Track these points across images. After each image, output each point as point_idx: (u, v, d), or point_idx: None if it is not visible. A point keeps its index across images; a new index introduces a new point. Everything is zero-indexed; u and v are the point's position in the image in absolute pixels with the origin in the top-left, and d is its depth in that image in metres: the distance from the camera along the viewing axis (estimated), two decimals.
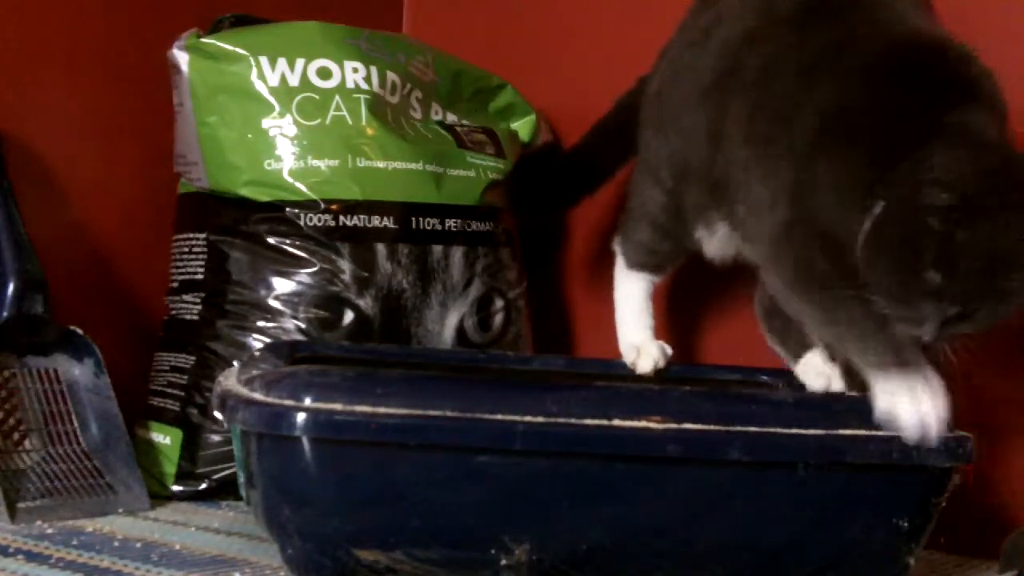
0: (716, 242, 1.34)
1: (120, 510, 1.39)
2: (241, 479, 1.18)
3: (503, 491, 1.07)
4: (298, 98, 1.52)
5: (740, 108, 1.23)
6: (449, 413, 1.06)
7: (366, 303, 1.50)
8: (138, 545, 1.25)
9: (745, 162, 1.22)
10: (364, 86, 1.55)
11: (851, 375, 1.25)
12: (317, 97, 1.53)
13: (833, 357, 1.29)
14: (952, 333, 1.08)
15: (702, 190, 1.30)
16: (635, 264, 1.41)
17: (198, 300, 1.53)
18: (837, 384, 1.28)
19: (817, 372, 1.30)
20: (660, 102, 1.38)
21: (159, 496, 1.46)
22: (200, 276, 1.53)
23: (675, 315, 1.61)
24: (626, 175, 1.47)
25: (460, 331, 1.55)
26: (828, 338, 1.21)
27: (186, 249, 1.56)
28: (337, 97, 1.53)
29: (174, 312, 1.56)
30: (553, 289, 1.77)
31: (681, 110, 1.32)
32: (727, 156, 1.25)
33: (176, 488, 1.49)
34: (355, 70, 1.55)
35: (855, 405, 1.20)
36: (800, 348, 1.33)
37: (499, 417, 1.06)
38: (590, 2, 1.76)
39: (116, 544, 1.26)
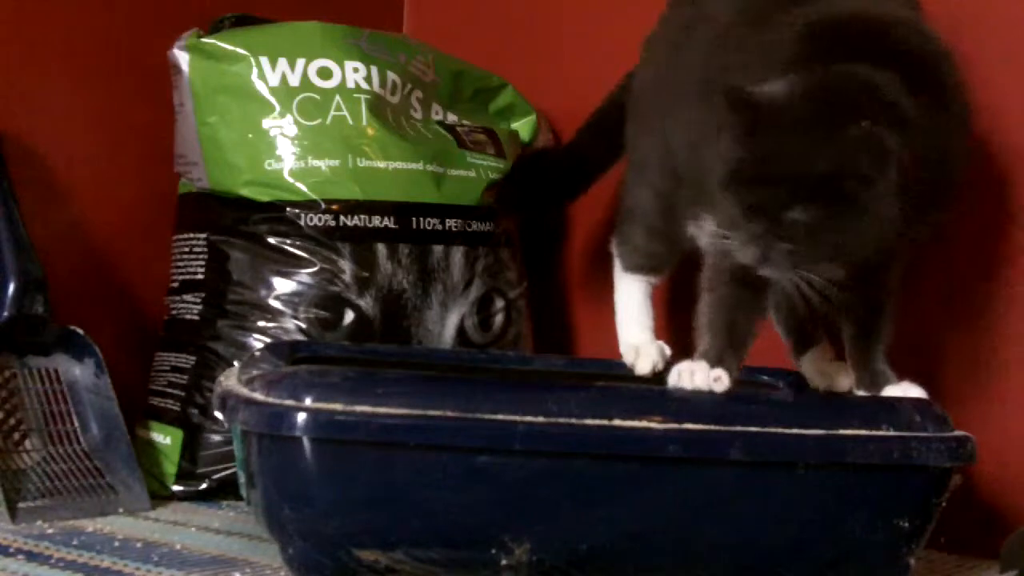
0: (706, 239, 1.34)
1: (120, 510, 1.39)
2: (242, 479, 1.18)
3: (503, 491, 1.07)
4: (298, 98, 1.52)
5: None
6: (449, 413, 1.06)
7: (366, 303, 1.49)
8: (138, 545, 1.25)
9: None
10: (364, 86, 1.55)
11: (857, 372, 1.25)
12: (317, 97, 1.53)
13: (842, 356, 1.29)
14: (802, 275, 1.11)
15: (692, 188, 1.30)
16: (632, 267, 1.41)
17: (198, 300, 1.53)
18: (843, 385, 1.28)
19: (821, 372, 1.30)
20: (646, 102, 1.38)
21: (159, 496, 1.46)
22: (200, 276, 1.53)
23: (675, 315, 1.61)
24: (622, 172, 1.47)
25: (460, 331, 1.55)
26: None
27: (186, 249, 1.56)
28: (337, 97, 1.53)
29: (174, 312, 1.56)
30: (553, 289, 1.77)
31: (668, 109, 1.32)
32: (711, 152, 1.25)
33: (176, 488, 1.49)
34: (355, 70, 1.55)
35: (855, 405, 1.20)
36: (803, 345, 1.33)
37: (499, 417, 1.06)
38: (590, 2, 1.76)
39: (116, 544, 1.26)
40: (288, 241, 1.50)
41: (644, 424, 1.08)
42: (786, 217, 1.08)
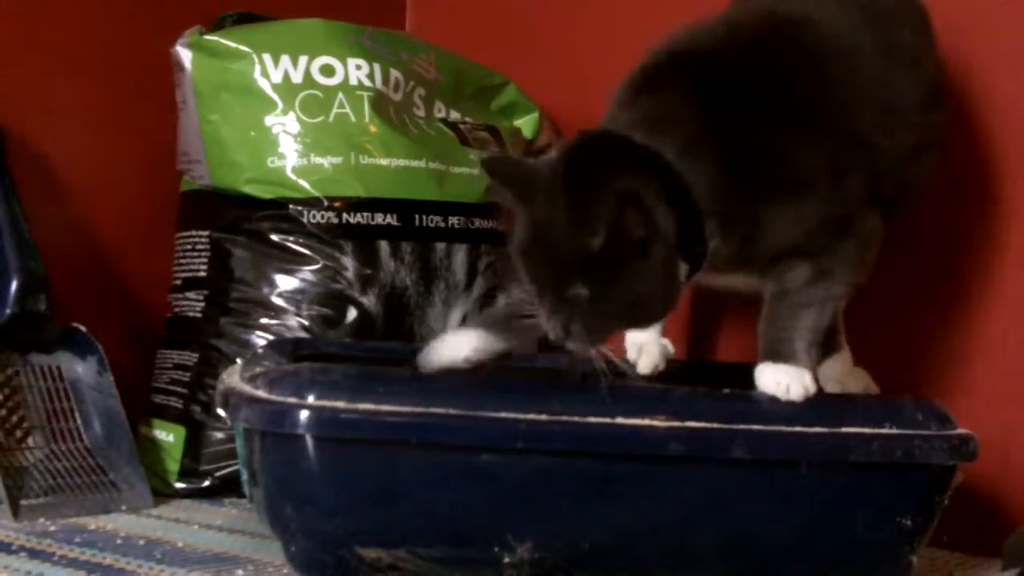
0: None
1: (123, 507, 1.39)
2: (244, 477, 1.18)
3: (506, 490, 1.07)
4: (301, 95, 1.52)
5: None
6: (452, 411, 1.06)
7: (369, 300, 1.50)
8: (141, 542, 1.26)
9: None
10: (367, 83, 1.55)
11: None
12: (320, 94, 1.53)
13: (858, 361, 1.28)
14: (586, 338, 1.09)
15: None
16: None
17: (201, 298, 1.53)
18: (852, 390, 1.27)
19: (835, 379, 1.29)
20: None
21: (162, 493, 1.46)
22: (203, 273, 1.53)
23: (679, 313, 1.61)
24: None
25: None
26: None
27: (189, 247, 1.56)
28: (340, 94, 1.53)
29: (177, 310, 1.56)
30: None
31: None
32: None
33: (179, 485, 1.49)
34: (358, 67, 1.55)
35: (858, 404, 1.20)
36: (824, 351, 1.32)
37: (502, 415, 1.06)
38: (592, 1, 1.76)
39: (119, 541, 1.26)
40: (291, 238, 1.50)
41: (647, 422, 1.08)
42: (568, 294, 1.07)
